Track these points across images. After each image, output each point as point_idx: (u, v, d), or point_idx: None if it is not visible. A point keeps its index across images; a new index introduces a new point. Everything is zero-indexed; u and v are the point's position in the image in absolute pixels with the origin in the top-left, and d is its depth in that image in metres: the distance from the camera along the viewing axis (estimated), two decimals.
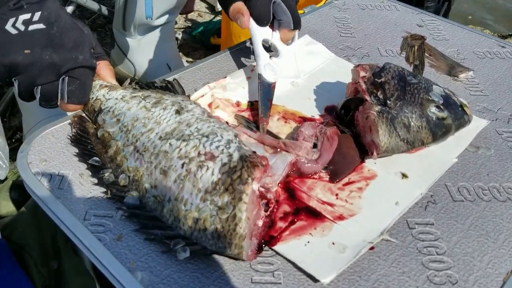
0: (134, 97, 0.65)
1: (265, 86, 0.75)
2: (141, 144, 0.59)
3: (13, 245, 0.81)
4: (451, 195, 0.62)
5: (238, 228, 0.51)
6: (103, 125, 0.64)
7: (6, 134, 1.36)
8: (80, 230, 0.55)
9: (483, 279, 0.53)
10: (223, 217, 0.51)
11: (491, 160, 0.68)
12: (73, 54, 0.61)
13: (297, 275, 0.52)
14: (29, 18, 0.57)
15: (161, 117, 0.60)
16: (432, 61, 0.88)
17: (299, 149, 0.62)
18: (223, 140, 0.56)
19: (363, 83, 0.68)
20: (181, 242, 0.52)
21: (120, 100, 0.65)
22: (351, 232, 0.56)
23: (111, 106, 0.65)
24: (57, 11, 0.60)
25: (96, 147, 0.63)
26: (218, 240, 0.51)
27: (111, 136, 0.62)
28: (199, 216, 0.52)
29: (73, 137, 0.66)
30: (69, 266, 0.78)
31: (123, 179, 0.59)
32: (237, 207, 0.51)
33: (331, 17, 1.02)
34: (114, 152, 0.61)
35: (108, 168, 0.60)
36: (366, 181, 0.63)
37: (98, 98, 0.66)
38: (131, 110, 0.63)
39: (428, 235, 0.57)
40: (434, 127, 0.65)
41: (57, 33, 0.59)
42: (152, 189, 0.56)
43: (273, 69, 0.76)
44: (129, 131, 0.61)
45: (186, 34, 2.02)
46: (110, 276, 0.51)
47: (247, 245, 0.51)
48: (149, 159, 0.57)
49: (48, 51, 0.59)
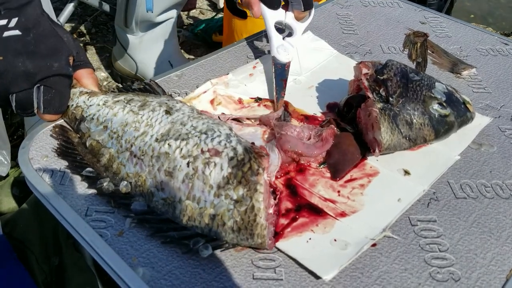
0: (117, 101, 0.63)
1: (278, 67, 0.77)
2: (137, 148, 0.58)
3: (15, 242, 0.81)
4: (453, 192, 0.62)
5: (258, 218, 0.51)
6: (89, 134, 0.62)
7: (8, 131, 1.36)
8: (82, 226, 0.55)
9: (486, 276, 0.53)
10: (241, 210, 0.51)
11: (494, 157, 0.68)
12: (48, 61, 0.59)
13: (298, 272, 0.52)
14: (4, 24, 0.56)
15: (152, 119, 0.59)
16: (434, 58, 0.87)
17: (289, 129, 0.63)
18: (222, 135, 0.56)
19: (365, 80, 0.68)
20: (200, 240, 0.52)
21: (102, 105, 0.63)
22: (353, 229, 0.56)
23: (93, 113, 0.63)
24: (37, 18, 0.59)
25: (86, 157, 0.61)
26: (239, 232, 0.51)
27: (101, 144, 0.60)
28: (216, 212, 0.52)
29: (58, 150, 0.63)
30: (70, 262, 0.78)
31: (125, 186, 0.57)
32: (254, 198, 0.51)
33: (333, 14, 1.01)
34: (108, 160, 0.59)
35: (105, 177, 0.59)
36: (368, 178, 0.63)
37: (78, 105, 0.65)
38: (117, 116, 0.61)
39: (431, 232, 0.57)
40: (436, 124, 0.65)
41: (32, 39, 0.58)
42: (159, 192, 0.55)
43: (286, 49, 0.77)
44: (121, 137, 0.59)
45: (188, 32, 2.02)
46: (112, 272, 0.51)
47: (267, 234, 0.52)
48: (150, 163, 0.56)
49: (21, 58, 0.57)
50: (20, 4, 0.58)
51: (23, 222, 0.83)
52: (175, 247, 0.53)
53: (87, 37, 1.95)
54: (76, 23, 2.01)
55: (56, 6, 1.93)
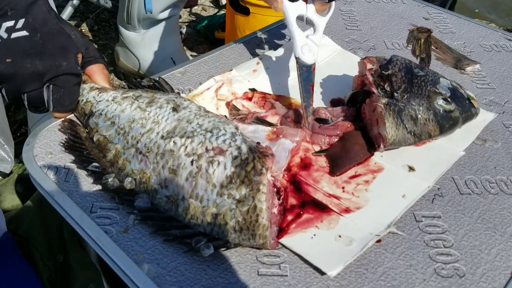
0: (125, 98, 0.63)
1: (304, 70, 0.69)
2: (142, 145, 0.58)
3: (19, 239, 0.81)
4: (458, 188, 0.62)
5: (260, 218, 0.51)
6: (96, 129, 0.62)
7: (11, 128, 1.36)
8: (87, 223, 0.55)
9: (491, 272, 0.52)
10: (243, 209, 0.51)
11: (498, 153, 0.68)
12: (56, 61, 0.60)
13: (303, 268, 0.52)
14: (12, 26, 0.56)
15: (159, 116, 0.60)
16: (438, 54, 0.87)
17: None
18: (227, 133, 0.56)
19: (370, 75, 0.67)
20: (202, 239, 0.52)
21: (111, 101, 0.64)
22: (357, 225, 0.56)
23: (102, 109, 0.63)
24: (43, 16, 0.59)
25: (92, 152, 0.61)
26: (241, 232, 0.51)
27: (108, 140, 0.61)
28: (218, 211, 0.52)
29: (66, 144, 0.64)
30: (75, 259, 0.78)
31: (129, 183, 0.57)
32: (256, 198, 0.51)
33: (337, 10, 1.01)
34: (114, 156, 0.60)
35: (110, 173, 0.59)
36: (373, 174, 0.63)
37: (88, 101, 0.65)
38: (125, 112, 0.62)
39: (435, 228, 0.57)
40: (441, 120, 0.65)
41: (40, 40, 0.58)
42: (163, 190, 0.55)
43: (311, 50, 0.70)
44: (127, 133, 0.60)
45: (190, 28, 2.01)
46: (117, 268, 0.51)
47: (270, 234, 0.52)
48: (155, 160, 0.56)
49: (29, 59, 0.58)
50: (27, 4, 0.58)
51: (28, 219, 0.83)
52: (177, 245, 0.53)
53: (90, 35, 1.95)
54: (79, 21, 2.01)
55: (58, 3, 1.93)
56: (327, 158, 0.65)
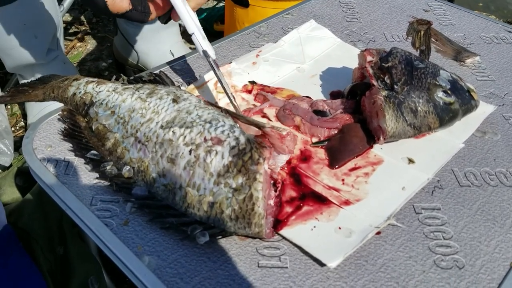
0: (126, 88, 0.64)
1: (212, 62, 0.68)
2: (142, 134, 0.58)
3: (19, 231, 0.81)
4: (457, 180, 0.62)
5: (256, 207, 0.51)
6: (96, 118, 0.62)
7: (10, 121, 1.36)
8: (87, 216, 0.55)
9: (490, 264, 0.53)
10: (239, 198, 0.52)
11: (498, 145, 0.68)
12: None
13: (303, 260, 0.52)
14: None
15: (159, 106, 0.60)
16: (438, 46, 0.87)
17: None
18: (226, 125, 0.57)
19: (370, 67, 0.67)
20: (198, 227, 0.52)
21: (112, 92, 0.64)
22: (357, 217, 0.56)
23: (103, 99, 0.64)
24: None
25: (91, 140, 0.62)
26: (237, 221, 0.52)
27: (107, 129, 0.61)
28: (215, 200, 0.52)
29: (65, 131, 0.64)
30: (75, 252, 0.78)
31: (127, 171, 0.58)
32: (252, 187, 0.52)
33: (336, 2, 1.01)
34: (113, 145, 0.60)
35: (109, 161, 0.60)
36: (373, 166, 0.63)
37: (87, 92, 0.65)
38: (126, 102, 0.62)
39: (435, 220, 0.57)
40: (441, 112, 0.65)
41: None
42: (160, 178, 0.56)
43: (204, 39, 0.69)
44: (127, 122, 0.60)
45: None
46: (117, 260, 0.52)
47: (265, 223, 0.52)
48: (154, 149, 0.57)
49: None
50: None
51: (28, 212, 0.83)
52: (173, 233, 0.53)
53: (88, 27, 1.95)
54: (77, 13, 2.00)
55: None
56: (326, 151, 0.65)
